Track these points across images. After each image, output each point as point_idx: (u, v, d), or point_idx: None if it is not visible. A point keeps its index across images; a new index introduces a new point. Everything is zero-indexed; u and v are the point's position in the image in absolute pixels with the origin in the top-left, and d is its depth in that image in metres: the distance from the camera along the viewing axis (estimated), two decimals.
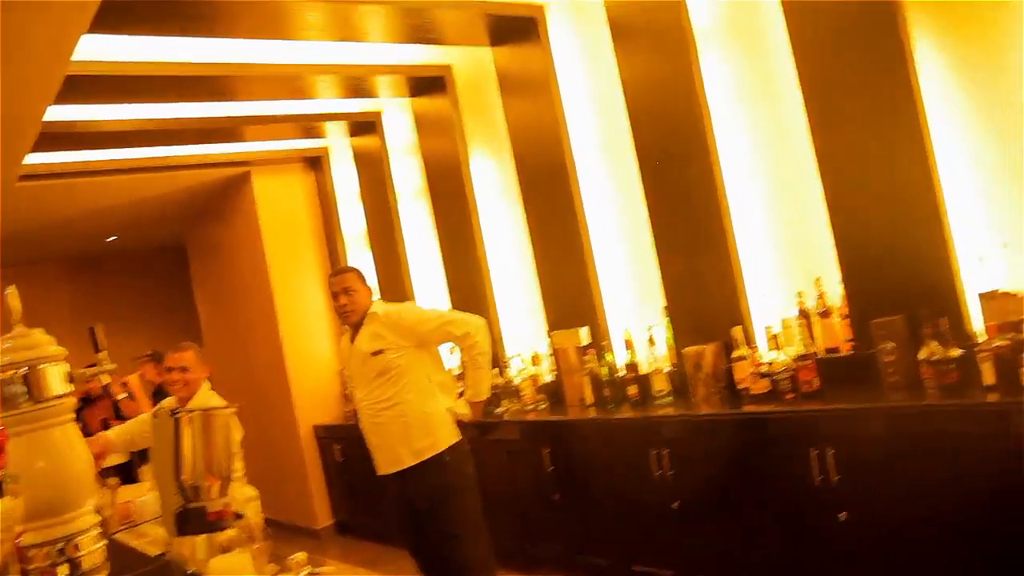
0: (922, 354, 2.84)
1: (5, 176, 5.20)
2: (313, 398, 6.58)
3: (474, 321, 3.48)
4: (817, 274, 3.38)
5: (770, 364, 3.35)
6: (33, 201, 6.14)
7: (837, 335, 3.31)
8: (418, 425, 3.37)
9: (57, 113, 4.40)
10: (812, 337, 3.35)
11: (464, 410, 3.48)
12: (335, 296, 3.50)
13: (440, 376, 3.52)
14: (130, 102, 4.76)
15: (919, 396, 2.81)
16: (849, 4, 3.12)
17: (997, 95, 2.87)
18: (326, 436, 6.41)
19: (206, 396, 3.65)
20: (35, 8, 3.09)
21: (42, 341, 1.91)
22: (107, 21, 3.36)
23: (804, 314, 3.38)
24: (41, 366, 1.84)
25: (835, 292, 3.34)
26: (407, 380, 3.39)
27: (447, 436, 3.39)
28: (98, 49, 3.90)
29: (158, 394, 5.48)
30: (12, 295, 1.94)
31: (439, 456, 3.36)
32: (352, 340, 3.53)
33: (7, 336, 1.90)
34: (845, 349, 3.29)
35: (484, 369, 3.49)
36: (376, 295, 3.60)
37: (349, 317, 3.50)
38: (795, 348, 3.30)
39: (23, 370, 1.82)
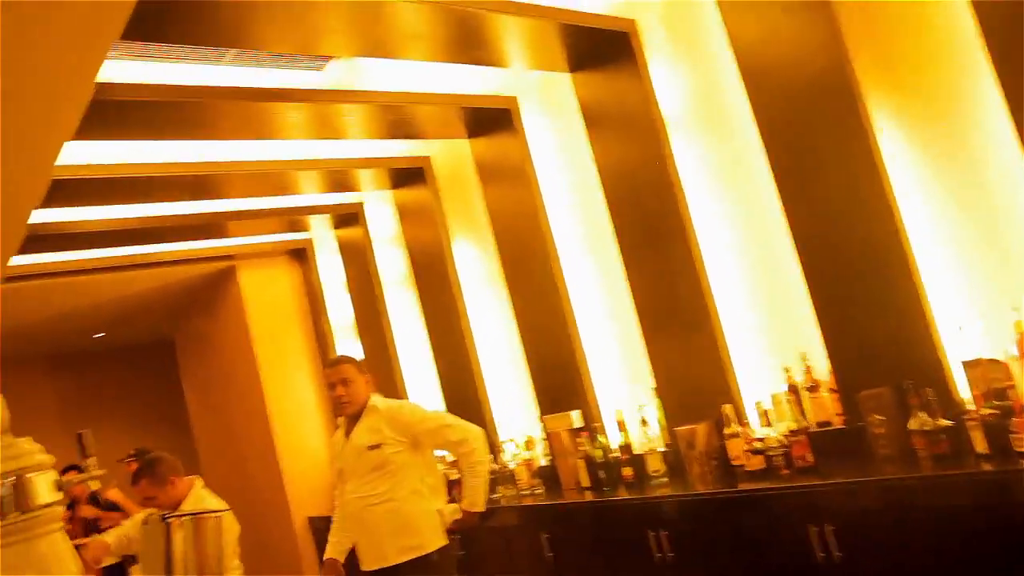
0: (912, 425, 2.85)
1: None
2: (306, 490, 6.49)
3: (473, 430, 3.42)
4: (802, 348, 3.41)
5: (763, 440, 3.34)
6: (19, 301, 6.13)
7: (827, 408, 3.32)
8: (409, 523, 3.30)
9: (43, 216, 4.45)
10: (802, 411, 3.35)
11: (455, 515, 3.39)
12: (331, 387, 3.43)
13: (432, 479, 3.45)
14: (115, 203, 4.82)
15: (914, 467, 2.80)
16: (807, 85, 3.23)
17: (958, 166, 2.96)
18: (322, 528, 6.28)
19: (198, 496, 3.58)
20: (22, 117, 3.16)
21: (29, 450, 1.90)
22: (93, 128, 3.42)
23: (793, 389, 3.40)
24: (28, 475, 1.83)
25: (822, 366, 3.36)
26: (400, 477, 3.32)
27: (436, 538, 3.32)
28: (83, 153, 3.97)
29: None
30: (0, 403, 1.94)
31: (427, 557, 3.29)
32: (347, 432, 3.45)
33: None
34: (836, 423, 3.29)
35: (482, 479, 3.39)
36: (372, 387, 3.55)
37: (345, 408, 3.43)
38: (786, 423, 3.30)
39: (11, 479, 1.80)
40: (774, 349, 3.59)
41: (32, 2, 2.46)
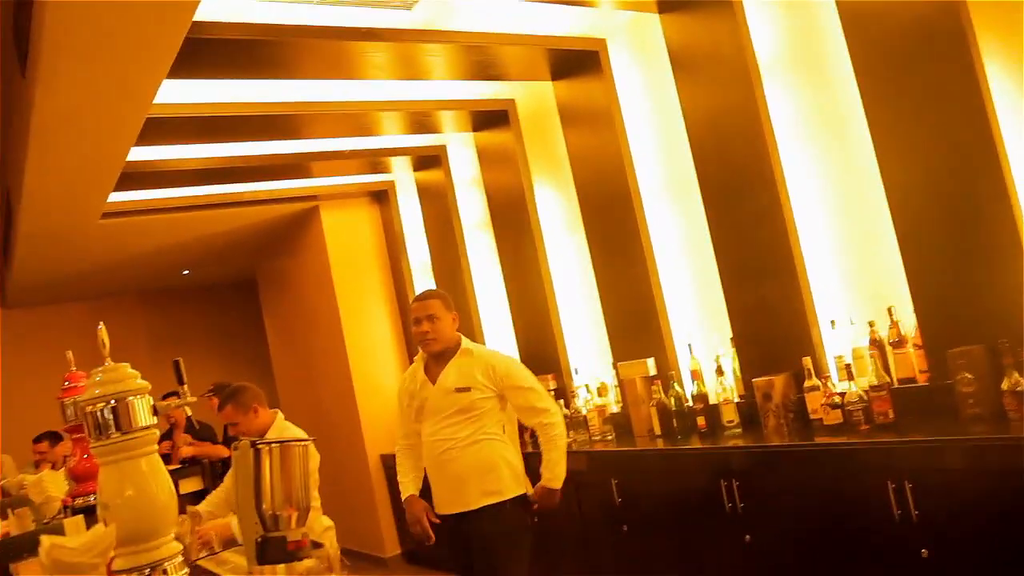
0: (1005, 384, 2.76)
1: (90, 214, 5.44)
2: (381, 428, 6.65)
3: (557, 406, 3.47)
4: (889, 303, 3.31)
5: (843, 395, 3.28)
6: (114, 237, 6.40)
7: (912, 365, 3.23)
8: (492, 468, 3.31)
9: (137, 154, 4.59)
10: (887, 368, 3.28)
11: (536, 494, 3.37)
12: (417, 322, 3.39)
13: (511, 427, 3.49)
14: (203, 142, 4.94)
15: (1004, 428, 2.72)
16: (913, 28, 3.08)
17: None
18: (394, 466, 6.45)
19: (281, 427, 3.71)
20: (120, 56, 3.25)
21: (128, 375, 2.00)
22: (183, 67, 3.49)
23: (877, 344, 3.32)
24: (128, 399, 1.93)
25: (908, 321, 3.27)
26: (484, 423, 3.34)
27: (516, 486, 3.35)
28: (175, 92, 4.07)
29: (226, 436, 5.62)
30: (102, 331, 2.04)
31: (503, 503, 3.31)
32: (430, 371, 3.43)
33: (97, 370, 2.00)
34: (921, 380, 3.21)
35: (562, 451, 3.37)
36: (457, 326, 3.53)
37: (430, 345, 3.39)
38: (868, 379, 3.23)
39: (112, 403, 1.91)
40: (859, 303, 3.50)
41: None
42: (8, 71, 4.16)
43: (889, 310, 3.29)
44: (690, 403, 4.04)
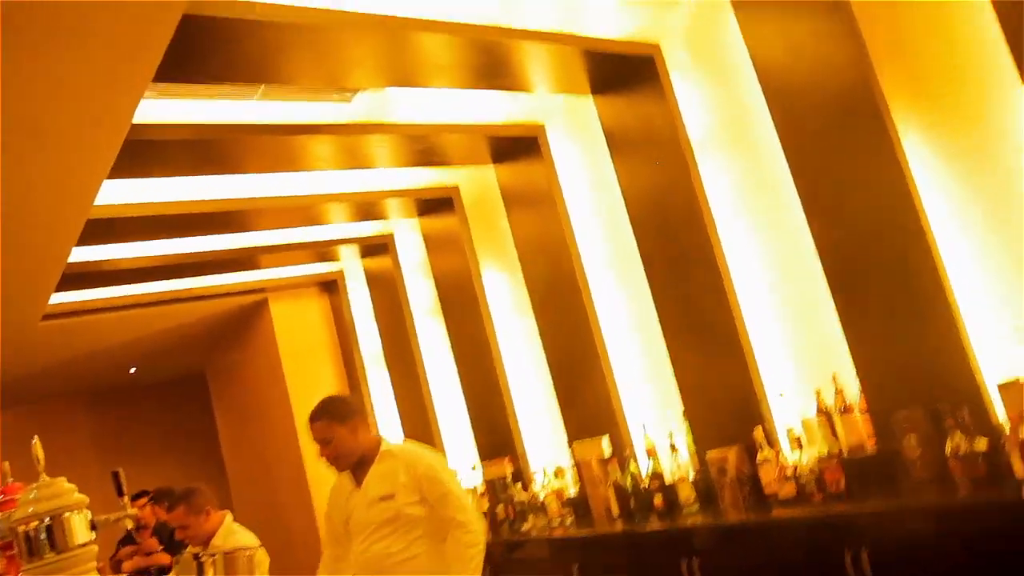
0: (948, 448, 2.80)
1: (30, 316, 5.33)
2: None
3: (480, 520, 3.09)
4: (833, 369, 3.37)
5: (795, 468, 3.30)
6: (56, 338, 6.26)
7: (860, 431, 3.27)
8: None
9: (79, 254, 4.54)
10: (835, 435, 3.31)
11: None
12: (318, 444, 3.09)
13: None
14: (148, 239, 4.91)
15: (952, 492, 2.75)
16: (832, 101, 3.21)
17: (988, 181, 2.91)
18: None
19: (229, 530, 3.62)
20: (61, 158, 3.25)
21: (65, 490, 1.94)
22: (125, 167, 3.50)
23: (824, 412, 3.35)
24: (64, 515, 1.86)
25: (853, 387, 3.32)
26: (419, 534, 2.99)
27: None
28: (117, 192, 4.06)
29: (160, 532, 5.41)
30: (36, 445, 1.98)
31: None
32: (355, 478, 3.13)
33: (32, 486, 1.93)
34: (869, 445, 3.24)
35: (472, 574, 2.93)
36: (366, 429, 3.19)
37: (336, 464, 3.09)
38: (818, 447, 3.26)
39: (46, 521, 1.84)
40: (805, 371, 3.55)
41: (71, 47, 2.54)
42: None
43: (834, 376, 3.34)
44: (646, 484, 4.02)
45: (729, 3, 3.57)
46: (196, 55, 3.01)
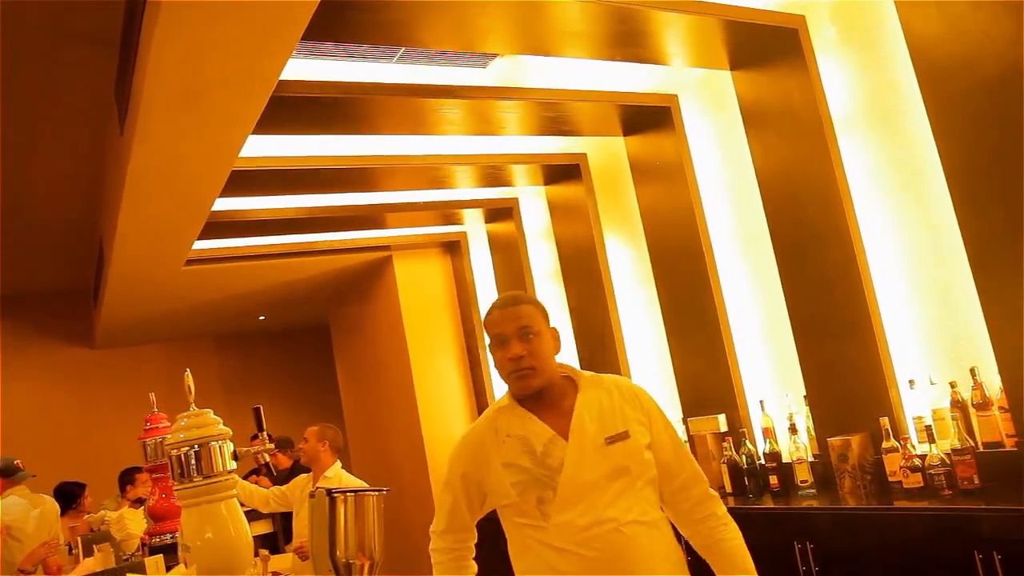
0: None
1: (176, 260, 5.67)
2: None
3: None
4: (970, 362, 3.22)
5: (923, 458, 3.18)
6: (196, 283, 6.64)
7: (998, 428, 3.12)
8: (678, 562, 2.05)
9: (221, 204, 4.79)
10: (969, 430, 3.17)
11: None
12: (502, 342, 2.00)
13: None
14: (283, 194, 5.12)
15: None
16: (994, 87, 3.03)
17: None
18: None
19: (337, 474, 3.82)
20: (210, 113, 3.42)
21: (211, 421, 2.08)
22: (267, 123, 3.65)
23: (959, 405, 3.21)
24: (211, 444, 2.00)
25: (993, 382, 3.16)
26: (655, 497, 2.04)
27: None
28: (258, 146, 4.24)
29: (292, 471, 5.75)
30: (188, 378, 2.13)
31: None
32: (548, 422, 2.00)
33: (182, 414, 2.08)
34: (1008, 444, 3.09)
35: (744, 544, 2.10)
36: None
37: (528, 378, 1.98)
38: (950, 441, 3.13)
39: (195, 447, 1.98)
40: (940, 362, 3.40)
41: (226, 13, 2.67)
42: (108, 130, 4.41)
43: (972, 371, 3.19)
44: (762, 461, 3.96)
45: None
46: (340, 17, 3.09)
